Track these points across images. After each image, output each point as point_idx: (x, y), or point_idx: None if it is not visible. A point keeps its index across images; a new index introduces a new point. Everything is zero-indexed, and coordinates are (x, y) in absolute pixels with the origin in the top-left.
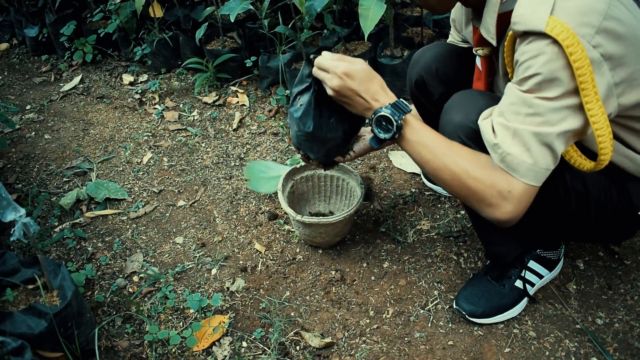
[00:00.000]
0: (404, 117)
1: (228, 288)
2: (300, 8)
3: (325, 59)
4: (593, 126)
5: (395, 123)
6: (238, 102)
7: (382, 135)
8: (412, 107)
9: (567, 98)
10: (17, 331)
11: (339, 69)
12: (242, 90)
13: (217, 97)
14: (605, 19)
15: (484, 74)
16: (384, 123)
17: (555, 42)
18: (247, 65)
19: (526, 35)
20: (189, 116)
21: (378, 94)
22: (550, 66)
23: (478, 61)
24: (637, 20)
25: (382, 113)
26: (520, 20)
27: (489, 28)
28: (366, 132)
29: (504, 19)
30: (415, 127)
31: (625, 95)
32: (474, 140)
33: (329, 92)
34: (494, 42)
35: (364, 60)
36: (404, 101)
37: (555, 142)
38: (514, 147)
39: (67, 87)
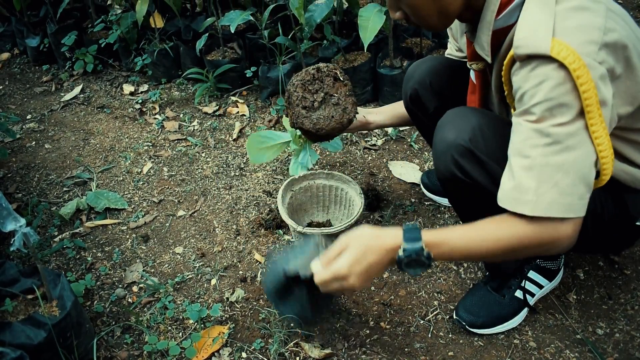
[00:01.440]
0: (421, 245)
1: (228, 298)
2: (300, 19)
3: (322, 273)
4: (597, 147)
5: (422, 258)
6: (238, 112)
7: (421, 272)
8: (417, 223)
9: (579, 120)
10: (16, 341)
11: (342, 272)
12: (242, 101)
13: (217, 107)
14: (605, 34)
15: (478, 88)
16: (414, 262)
17: (561, 65)
18: (247, 75)
19: (530, 59)
20: (189, 126)
21: (384, 246)
22: (559, 90)
23: (472, 75)
24: (631, 29)
25: (405, 260)
26: (523, 44)
27: (483, 45)
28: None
29: (497, 36)
30: (438, 243)
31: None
32: (467, 157)
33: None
34: (488, 59)
35: (346, 238)
36: (409, 226)
37: (583, 166)
38: (542, 190)
39: (68, 96)
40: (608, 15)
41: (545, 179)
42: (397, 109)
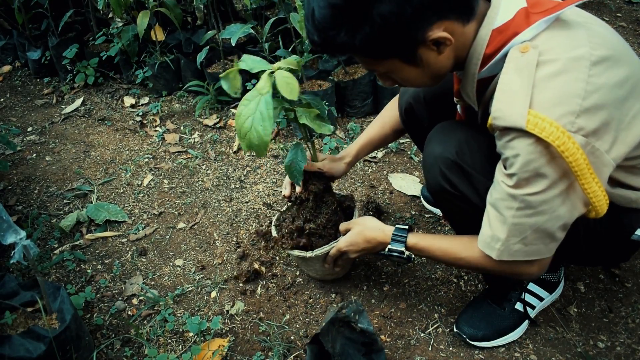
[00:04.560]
0: (404, 246)
1: (227, 311)
2: (301, 32)
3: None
4: (592, 200)
5: (403, 258)
6: None
7: (402, 266)
8: (407, 224)
9: (555, 187)
10: (15, 355)
11: (342, 249)
12: None
13: (217, 120)
14: (584, 99)
15: (465, 118)
16: (395, 255)
17: (538, 140)
18: (248, 88)
19: (507, 130)
20: (189, 138)
21: (376, 239)
22: (535, 164)
23: (459, 108)
24: (619, 67)
25: (388, 255)
26: (499, 116)
27: (469, 95)
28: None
29: (483, 82)
30: (419, 249)
31: (615, 151)
32: (453, 170)
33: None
34: (475, 107)
35: (353, 222)
36: (399, 229)
37: (552, 227)
38: (511, 242)
39: (69, 109)
40: (591, 71)
41: (514, 234)
42: (370, 138)
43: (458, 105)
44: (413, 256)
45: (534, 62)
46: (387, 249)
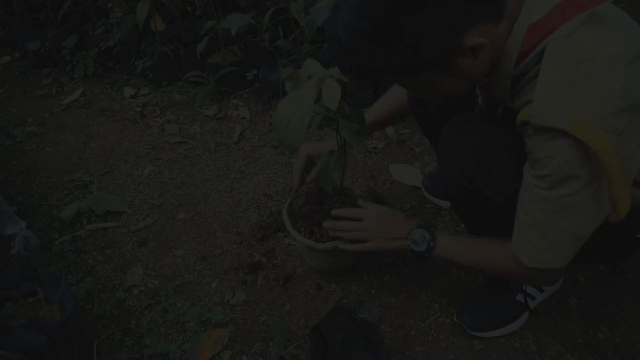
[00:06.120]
0: (433, 229)
1: (228, 301)
2: (301, 22)
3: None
4: (617, 204)
5: (428, 232)
6: (239, 115)
7: (419, 248)
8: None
9: (588, 187)
10: (16, 345)
11: (369, 216)
12: (242, 104)
13: (217, 110)
14: (620, 99)
15: (485, 111)
16: (418, 237)
17: (577, 141)
18: (248, 78)
19: (545, 129)
20: (189, 129)
21: (406, 223)
22: (571, 165)
23: (480, 99)
24: None
25: (417, 229)
26: (540, 115)
27: (500, 92)
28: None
29: (514, 78)
30: (444, 238)
31: None
32: (473, 165)
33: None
34: (509, 104)
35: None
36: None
37: (583, 230)
38: (543, 246)
39: (69, 100)
40: (627, 70)
41: (546, 237)
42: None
43: (479, 98)
44: (435, 242)
45: (574, 60)
46: (414, 228)
